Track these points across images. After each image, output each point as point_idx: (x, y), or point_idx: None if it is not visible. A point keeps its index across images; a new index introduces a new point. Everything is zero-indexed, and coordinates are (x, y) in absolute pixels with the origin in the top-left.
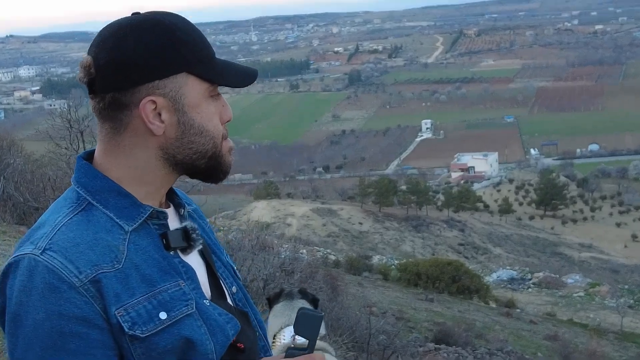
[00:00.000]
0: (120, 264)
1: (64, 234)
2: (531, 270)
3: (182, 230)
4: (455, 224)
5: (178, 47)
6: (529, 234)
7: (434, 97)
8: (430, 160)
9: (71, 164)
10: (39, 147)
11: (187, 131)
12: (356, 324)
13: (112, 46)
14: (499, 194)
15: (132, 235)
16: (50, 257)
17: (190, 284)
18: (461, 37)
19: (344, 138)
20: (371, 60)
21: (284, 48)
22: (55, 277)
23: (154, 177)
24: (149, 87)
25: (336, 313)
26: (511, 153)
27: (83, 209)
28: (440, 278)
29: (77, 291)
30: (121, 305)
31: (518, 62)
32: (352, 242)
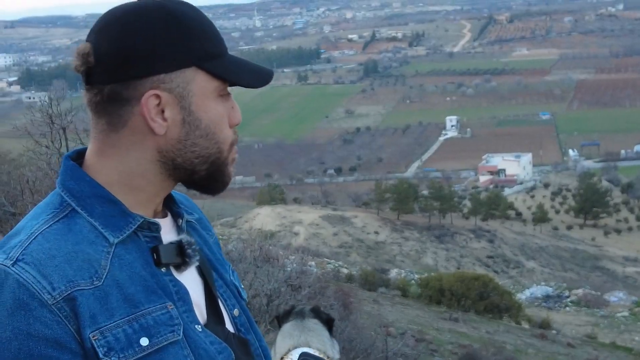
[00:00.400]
0: (100, 280)
1: (39, 244)
2: (569, 287)
3: (176, 245)
4: (483, 234)
5: (189, 39)
6: (566, 245)
7: (460, 90)
8: (455, 162)
9: (52, 164)
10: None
11: (192, 132)
12: (371, 345)
13: (115, 33)
14: (533, 200)
15: (117, 248)
16: (22, 270)
17: (181, 306)
18: (491, 24)
19: (358, 136)
20: (389, 49)
21: (292, 35)
22: (25, 293)
23: (147, 183)
24: (154, 80)
25: (349, 333)
26: (547, 154)
27: (65, 216)
28: (466, 295)
29: (49, 309)
30: (97, 328)
31: (555, 51)
32: (367, 254)
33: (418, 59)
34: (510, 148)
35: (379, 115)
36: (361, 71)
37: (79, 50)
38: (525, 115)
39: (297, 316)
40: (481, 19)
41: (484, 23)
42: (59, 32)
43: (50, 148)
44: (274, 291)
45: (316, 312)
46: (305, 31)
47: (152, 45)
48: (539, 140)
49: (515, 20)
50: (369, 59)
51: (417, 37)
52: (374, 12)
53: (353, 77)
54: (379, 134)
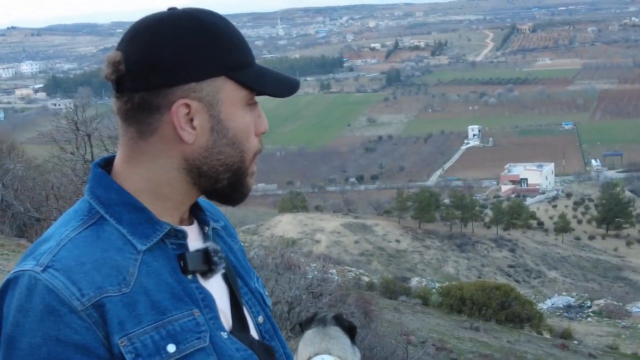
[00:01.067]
0: (128, 287)
1: (69, 251)
2: (591, 297)
3: (202, 252)
4: (504, 244)
5: (219, 49)
6: (588, 255)
7: (483, 100)
8: (477, 171)
9: (77, 171)
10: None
11: (219, 140)
12: (392, 354)
13: (147, 42)
14: (555, 210)
15: (145, 255)
16: (52, 276)
17: (208, 313)
18: (514, 33)
19: (381, 145)
20: (412, 58)
21: (315, 43)
22: (55, 299)
23: (174, 191)
24: (184, 89)
25: (369, 341)
26: (569, 164)
27: (94, 223)
28: (488, 304)
29: (78, 316)
30: (125, 334)
31: (578, 61)
32: (388, 262)
33: (440, 68)
34: (533, 157)
35: (401, 123)
36: (384, 80)
37: (110, 58)
38: (547, 124)
39: (319, 323)
40: (504, 28)
41: (507, 33)
42: (85, 40)
43: (75, 154)
44: (295, 298)
45: (338, 320)
46: (328, 40)
47: (183, 54)
48: (561, 150)
49: (539, 30)
50: (392, 67)
51: (439, 46)
52: (396, 21)
53: (375, 85)
54: (401, 142)
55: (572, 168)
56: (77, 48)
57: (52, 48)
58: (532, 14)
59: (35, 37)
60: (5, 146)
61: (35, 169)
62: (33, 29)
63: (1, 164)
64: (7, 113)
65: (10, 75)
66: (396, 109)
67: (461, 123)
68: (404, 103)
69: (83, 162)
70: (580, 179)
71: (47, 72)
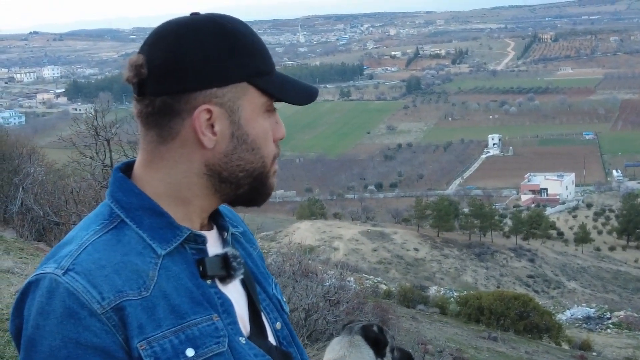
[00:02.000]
0: (148, 291)
1: (89, 254)
2: (610, 309)
3: (221, 257)
4: (524, 253)
5: (241, 55)
6: (608, 266)
7: (503, 108)
8: (497, 180)
9: (96, 175)
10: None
11: (239, 146)
12: None
13: (170, 46)
14: (575, 220)
15: (165, 259)
16: (72, 279)
17: (226, 318)
18: (535, 42)
19: (400, 153)
20: (432, 66)
21: (335, 51)
22: (75, 302)
23: (194, 197)
24: (206, 94)
25: None
26: (590, 174)
27: (114, 227)
28: (506, 314)
29: (98, 319)
30: (144, 338)
31: (600, 71)
32: (406, 271)
33: (461, 77)
34: (553, 167)
35: (420, 132)
36: (404, 88)
37: (132, 61)
38: (568, 134)
39: (346, 331)
40: (525, 37)
41: (529, 42)
42: (106, 45)
43: (95, 159)
44: (312, 306)
45: (365, 330)
46: (349, 47)
47: (206, 59)
48: (582, 160)
49: (560, 39)
50: (412, 75)
51: (460, 54)
52: (417, 29)
53: (395, 93)
54: (421, 150)
55: (593, 178)
56: (98, 53)
57: (74, 53)
58: (553, 23)
59: (58, 41)
60: (25, 150)
61: (55, 173)
62: (55, 34)
63: (21, 168)
64: (28, 117)
65: (32, 79)
66: (416, 117)
67: (481, 132)
68: (424, 111)
69: (102, 167)
70: (601, 190)
71: (68, 77)
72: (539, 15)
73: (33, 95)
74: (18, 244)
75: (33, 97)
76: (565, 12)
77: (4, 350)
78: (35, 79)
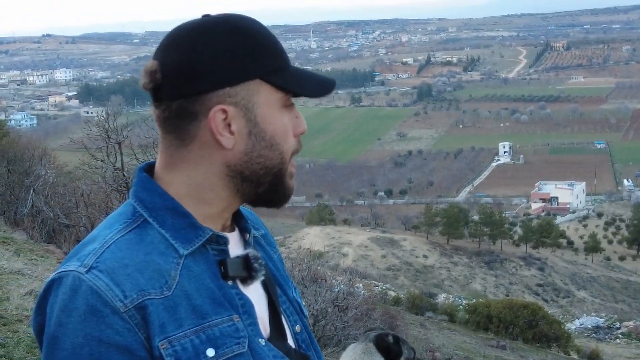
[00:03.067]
0: (170, 291)
1: (113, 253)
2: (620, 318)
3: (243, 259)
4: (533, 262)
5: (252, 52)
6: (618, 276)
7: (514, 117)
8: (507, 188)
9: (107, 178)
10: (73, 158)
11: (258, 144)
12: None
13: (182, 49)
14: (586, 229)
15: (187, 259)
16: (96, 277)
17: (247, 319)
18: (547, 50)
19: (410, 159)
20: (444, 73)
21: (346, 57)
22: (98, 300)
23: (216, 197)
24: (220, 94)
25: None
26: (601, 183)
27: (137, 226)
28: (515, 322)
29: (121, 317)
30: (166, 337)
31: (612, 80)
32: (415, 277)
33: (472, 84)
34: (564, 176)
35: (431, 138)
36: (415, 94)
37: (147, 68)
38: (579, 143)
39: (362, 337)
40: (537, 45)
41: (540, 50)
42: (118, 49)
43: (106, 162)
44: (320, 311)
45: (378, 339)
46: (360, 53)
47: (217, 59)
48: (593, 169)
49: (572, 48)
50: (423, 82)
51: (472, 62)
52: (429, 36)
53: (407, 100)
54: (431, 157)
55: (604, 187)
56: (110, 57)
57: (86, 56)
58: (566, 32)
59: (70, 44)
60: (37, 152)
61: (66, 175)
62: (68, 37)
63: (32, 170)
64: (40, 119)
65: (44, 82)
66: (427, 123)
67: (492, 139)
68: (435, 118)
69: (113, 170)
70: (612, 199)
71: (80, 80)
72: (551, 24)
73: (45, 97)
74: (28, 245)
75: (45, 99)
76: (578, 20)
77: (13, 351)
78: (48, 81)
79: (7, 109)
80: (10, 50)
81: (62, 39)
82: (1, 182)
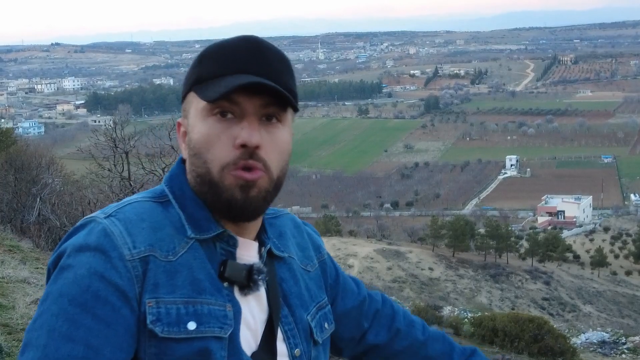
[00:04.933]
0: (175, 257)
1: (134, 208)
2: (626, 334)
3: (246, 267)
4: (539, 276)
5: (196, 65)
6: (625, 291)
7: (521, 130)
8: (513, 202)
9: (113, 187)
10: (80, 166)
11: (190, 152)
12: None
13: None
14: (592, 243)
15: (194, 245)
16: (112, 223)
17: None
18: (555, 64)
19: (417, 171)
20: (451, 86)
21: (354, 68)
22: (109, 242)
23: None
24: (181, 109)
25: None
26: (608, 198)
27: (162, 202)
28: (520, 336)
29: (125, 264)
30: (155, 297)
31: (620, 94)
32: (421, 290)
33: (480, 97)
34: (571, 190)
35: (438, 151)
36: (422, 107)
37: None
38: (586, 157)
39: None
40: (545, 59)
41: (548, 63)
42: (127, 58)
43: (112, 171)
44: None
45: None
46: (368, 65)
47: (186, 76)
48: (600, 183)
49: (580, 62)
50: (431, 94)
51: (479, 74)
52: (437, 48)
53: (414, 112)
54: (438, 169)
55: (611, 202)
56: (119, 66)
57: (95, 65)
58: (573, 45)
59: (79, 53)
60: (44, 160)
61: (73, 184)
62: (76, 46)
63: (40, 178)
64: (47, 128)
65: (52, 90)
66: (434, 136)
67: (499, 152)
68: (442, 130)
69: (120, 179)
70: (619, 213)
71: (88, 89)
72: (559, 37)
73: (53, 106)
74: (34, 254)
75: (53, 107)
76: (586, 34)
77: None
78: (56, 89)
79: (15, 116)
80: (19, 58)
81: (70, 47)
82: (8, 190)
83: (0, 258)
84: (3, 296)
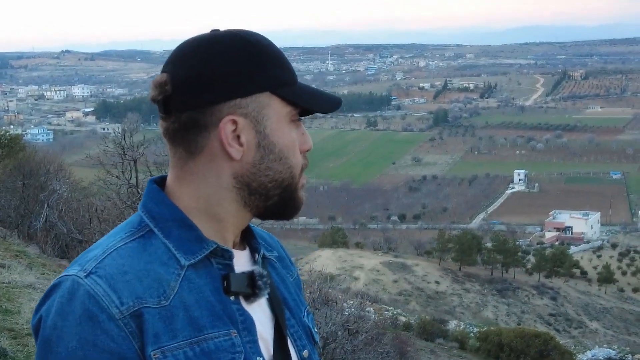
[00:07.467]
0: (167, 300)
1: (113, 260)
2: (632, 351)
3: (247, 275)
4: (546, 291)
5: (263, 65)
6: (632, 308)
7: (530, 144)
8: (521, 216)
9: (121, 195)
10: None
11: (267, 156)
12: None
13: (191, 61)
14: (599, 260)
15: (188, 271)
16: (94, 282)
17: (246, 335)
18: (565, 79)
19: (425, 184)
20: (460, 99)
21: (363, 80)
22: (95, 305)
23: (224, 211)
24: (230, 105)
25: None
26: (616, 214)
27: (141, 236)
28: (526, 352)
29: (116, 324)
30: (159, 347)
31: (629, 110)
32: (427, 303)
33: (489, 111)
34: (579, 206)
35: (446, 164)
36: (431, 120)
37: (156, 81)
38: (595, 173)
39: None
40: (555, 74)
41: (558, 78)
42: (137, 66)
43: (121, 179)
44: (330, 334)
45: None
46: (377, 77)
47: (227, 70)
48: (608, 200)
49: (590, 78)
50: (440, 108)
51: (489, 88)
52: (447, 62)
53: (422, 125)
54: (446, 183)
55: (619, 218)
56: (128, 74)
57: (105, 73)
58: (584, 61)
59: (89, 61)
60: (52, 167)
61: (81, 191)
62: (87, 54)
63: (48, 185)
64: (56, 135)
65: (62, 97)
66: (442, 149)
67: (507, 167)
68: (450, 144)
69: (128, 187)
70: (627, 230)
71: (97, 97)
72: (569, 53)
73: (62, 113)
74: (41, 260)
75: (62, 115)
76: (596, 50)
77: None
78: (65, 97)
79: (24, 123)
80: (30, 65)
81: (81, 55)
82: (16, 196)
83: (7, 263)
84: (9, 301)
